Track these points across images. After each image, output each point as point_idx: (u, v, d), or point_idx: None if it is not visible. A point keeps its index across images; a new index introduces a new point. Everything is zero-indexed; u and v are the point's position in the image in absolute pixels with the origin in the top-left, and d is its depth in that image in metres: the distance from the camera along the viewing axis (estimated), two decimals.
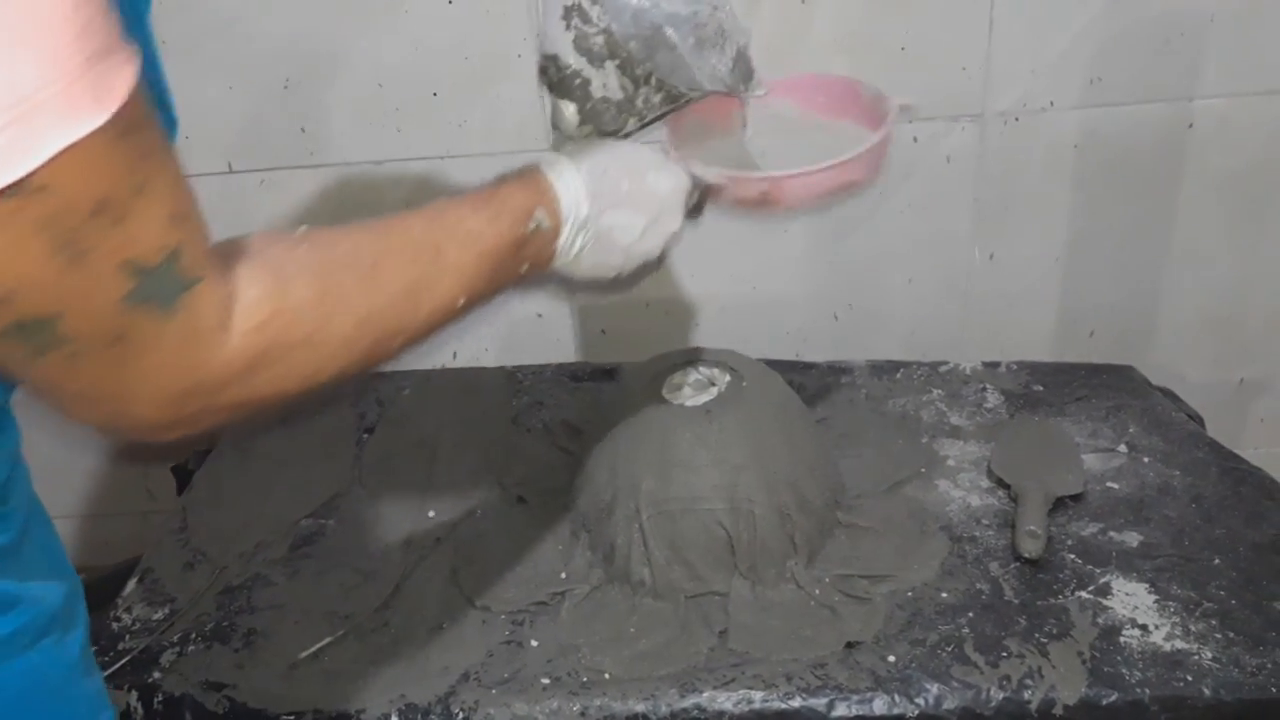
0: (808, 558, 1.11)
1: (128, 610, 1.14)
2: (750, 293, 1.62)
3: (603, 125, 1.00)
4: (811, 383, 1.45)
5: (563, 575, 1.13)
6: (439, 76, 1.44)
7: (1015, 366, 1.48)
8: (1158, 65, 1.45)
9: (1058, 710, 0.96)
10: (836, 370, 1.48)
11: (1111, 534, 1.15)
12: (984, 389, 1.43)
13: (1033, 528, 1.12)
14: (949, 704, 0.97)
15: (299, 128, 1.49)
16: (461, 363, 1.72)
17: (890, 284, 1.61)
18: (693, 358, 1.21)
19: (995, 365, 1.48)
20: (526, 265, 0.84)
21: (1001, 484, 1.23)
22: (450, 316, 0.78)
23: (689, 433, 1.10)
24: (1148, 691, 0.96)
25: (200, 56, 1.41)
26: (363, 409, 1.45)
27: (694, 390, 1.17)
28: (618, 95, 0.99)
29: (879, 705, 0.97)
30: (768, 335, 1.64)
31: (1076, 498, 1.20)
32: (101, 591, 1.27)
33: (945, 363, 1.49)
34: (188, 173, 1.45)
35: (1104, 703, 0.96)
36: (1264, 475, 1.24)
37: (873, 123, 1.03)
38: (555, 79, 0.98)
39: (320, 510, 1.27)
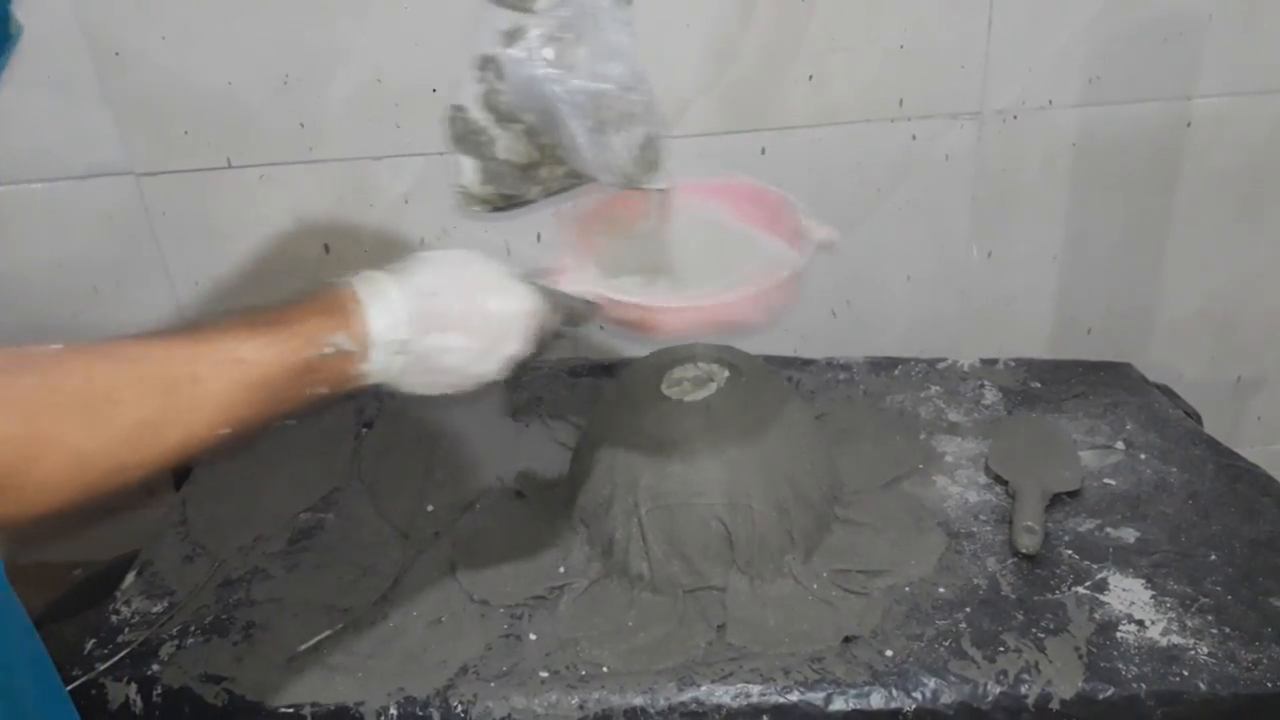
0: (805, 553, 1.11)
1: (126, 603, 1.14)
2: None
3: (505, 188, 0.96)
4: (810, 379, 1.45)
5: (561, 569, 1.13)
6: (438, 72, 1.44)
7: (1013, 363, 1.48)
8: (1156, 64, 1.45)
9: (1054, 705, 0.97)
10: (835, 367, 1.49)
11: (1109, 530, 1.15)
12: (982, 386, 1.43)
13: (1030, 524, 1.13)
14: (946, 698, 0.97)
15: (298, 123, 1.49)
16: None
17: (889, 281, 1.61)
18: (691, 353, 1.21)
19: (993, 362, 1.49)
20: (324, 388, 0.81)
21: (999, 480, 1.23)
22: (209, 444, 0.75)
23: (687, 428, 1.10)
24: (1144, 686, 0.97)
25: (199, 52, 1.41)
26: (361, 403, 1.45)
27: (693, 386, 1.17)
28: (522, 160, 0.96)
29: (876, 699, 0.98)
30: (766, 331, 1.64)
31: (1074, 494, 1.20)
32: (100, 585, 1.28)
33: (943, 359, 1.49)
34: (187, 168, 1.46)
35: (1100, 697, 0.96)
36: (1260, 472, 1.24)
37: (798, 247, 0.99)
38: (460, 132, 0.94)
39: (319, 504, 1.27)
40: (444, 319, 0.85)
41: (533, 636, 1.06)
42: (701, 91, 1.47)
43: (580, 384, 1.48)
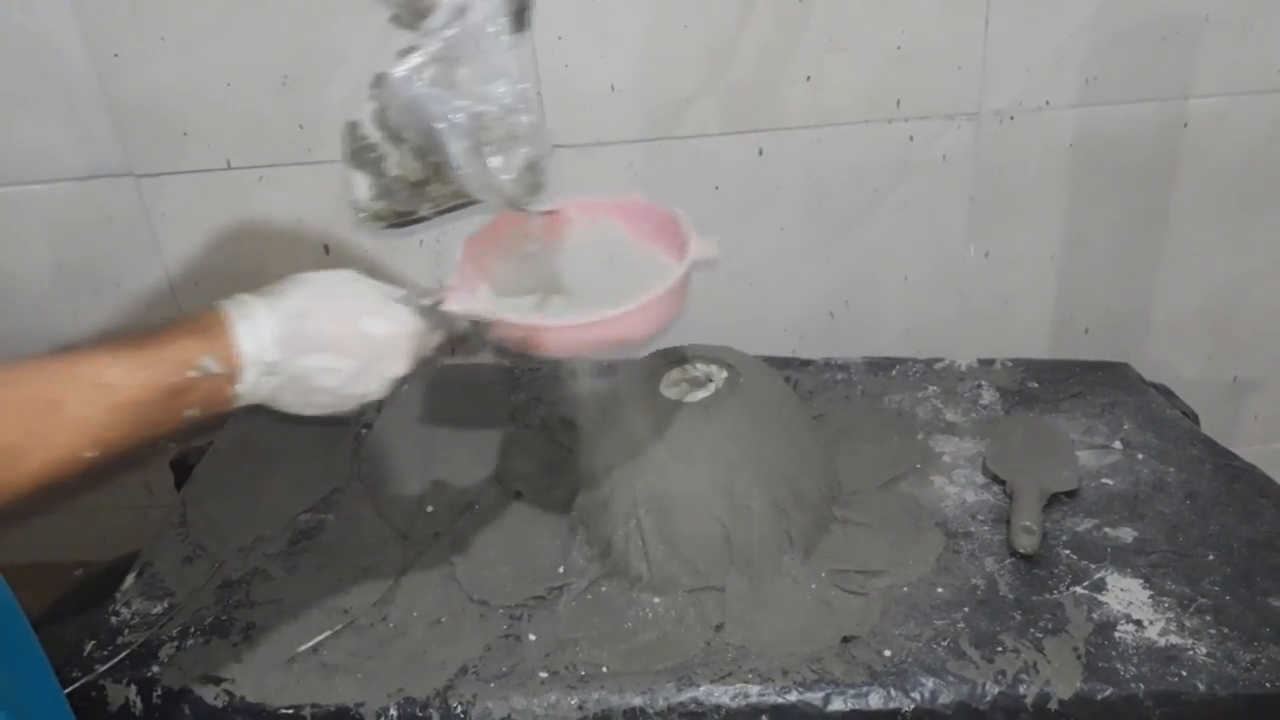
0: (804, 553, 1.11)
1: (126, 605, 1.14)
2: (747, 290, 1.62)
3: (397, 204, 0.97)
4: (808, 379, 1.46)
5: (560, 570, 1.14)
6: None
7: (1011, 364, 1.49)
8: (1153, 64, 1.45)
9: (1053, 705, 0.97)
10: (833, 367, 1.49)
11: (1106, 530, 1.16)
12: (979, 386, 1.43)
13: (1028, 524, 1.13)
14: (944, 698, 0.98)
15: (297, 124, 1.49)
16: (457, 358, 1.73)
17: (886, 281, 1.61)
18: (689, 354, 1.21)
19: (991, 362, 1.49)
20: (196, 410, 0.82)
21: (997, 480, 1.23)
22: (75, 468, 0.76)
23: (686, 429, 1.10)
24: (1142, 686, 0.97)
25: (198, 53, 1.42)
26: None
27: (691, 387, 1.18)
28: (413, 177, 0.96)
29: (875, 699, 0.98)
30: (764, 332, 1.65)
31: (1071, 494, 1.21)
32: (100, 586, 1.28)
33: (941, 359, 1.50)
34: (187, 169, 1.46)
35: (1099, 698, 0.97)
36: (1258, 472, 1.25)
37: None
38: (354, 148, 0.95)
39: (319, 505, 1.27)
40: (315, 340, 0.87)
41: (532, 637, 1.06)
42: (699, 93, 1.47)
43: (579, 385, 1.47)
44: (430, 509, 1.24)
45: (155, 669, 1.05)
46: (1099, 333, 1.66)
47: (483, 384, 1.49)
